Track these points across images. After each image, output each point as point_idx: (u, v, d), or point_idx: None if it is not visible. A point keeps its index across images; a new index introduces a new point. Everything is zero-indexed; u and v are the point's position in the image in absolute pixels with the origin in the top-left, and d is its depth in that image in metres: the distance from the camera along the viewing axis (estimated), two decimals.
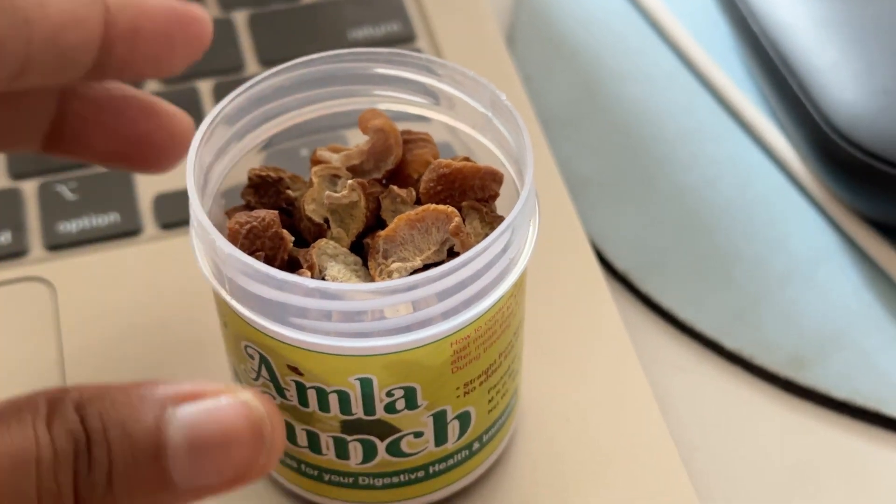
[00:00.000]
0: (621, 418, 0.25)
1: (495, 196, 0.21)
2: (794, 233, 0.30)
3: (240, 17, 0.34)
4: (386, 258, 0.20)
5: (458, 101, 0.22)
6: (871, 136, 0.27)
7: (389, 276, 0.20)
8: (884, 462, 0.25)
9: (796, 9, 0.30)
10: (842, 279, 0.28)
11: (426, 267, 0.20)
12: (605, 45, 0.35)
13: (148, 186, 0.28)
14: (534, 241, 0.20)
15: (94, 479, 0.16)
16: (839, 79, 0.28)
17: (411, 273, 0.20)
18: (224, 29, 0.33)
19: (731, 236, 0.30)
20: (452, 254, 0.20)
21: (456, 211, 0.20)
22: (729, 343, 0.26)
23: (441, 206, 0.20)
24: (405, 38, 0.33)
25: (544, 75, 0.34)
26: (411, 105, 0.23)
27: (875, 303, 0.28)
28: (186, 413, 0.16)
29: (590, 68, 0.34)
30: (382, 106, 0.22)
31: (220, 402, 0.16)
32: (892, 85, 0.27)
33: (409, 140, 0.22)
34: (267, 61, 0.32)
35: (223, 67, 0.31)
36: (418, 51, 0.33)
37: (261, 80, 0.21)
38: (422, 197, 0.21)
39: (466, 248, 0.20)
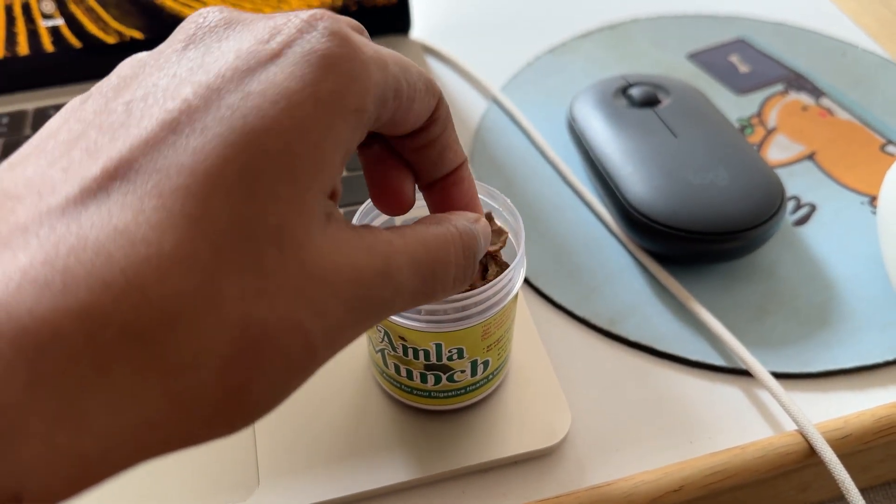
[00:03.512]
0: (530, 355, 0.32)
1: (503, 243, 0.27)
2: (611, 257, 0.38)
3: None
4: None
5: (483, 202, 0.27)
6: (647, 209, 0.35)
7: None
8: (652, 372, 0.33)
9: (612, 146, 0.38)
10: (633, 279, 0.37)
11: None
12: (519, 162, 0.43)
13: None
14: (523, 276, 0.26)
15: (476, 260, 0.21)
16: (633, 181, 0.36)
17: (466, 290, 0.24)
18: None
19: (580, 258, 0.38)
20: (481, 276, 0.26)
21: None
22: (579, 312, 0.35)
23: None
24: None
25: (488, 178, 0.42)
26: None
27: (649, 291, 0.36)
28: (479, 227, 0.22)
29: (510, 173, 0.42)
30: None
31: (483, 219, 0.22)
32: (658, 183, 0.35)
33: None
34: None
35: None
36: None
37: None
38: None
39: (496, 249, 0.26)
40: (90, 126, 0.16)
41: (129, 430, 0.13)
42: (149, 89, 0.16)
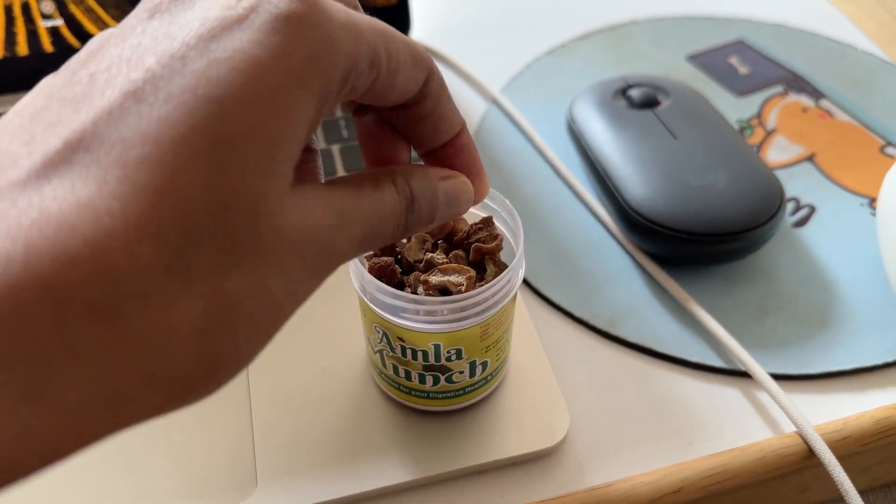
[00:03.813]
0: (529, 356, 0.32)
1: (498, 237, 0.26)
2: (610, 258, 0.38)
3: (335, 148, 0.41)
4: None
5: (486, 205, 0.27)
6: (647, 210, 0.35)
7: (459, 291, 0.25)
8: (651, 373, 0.33)
9: (611, 148, 0.38)
10: (633, 280, 0.37)
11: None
12: (519, 163, 0.43)
13: None
14: (522, 276, 0.26)
15: (416, 217, 0.20)
16: (632, 182, 0.36)
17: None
18: (326, 154, 0.40)
19: (579, 259, 0.38)
20: (480, 277, 0.26)
21: (472, 270, 0.26)
22: (578, 313, 0.35)
23: (466, 268, 0.26)
24: None
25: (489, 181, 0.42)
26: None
27: (649, 292, 0.36)
28: (446, 184, 0.21)
29: (509, 174, 0.43)
30: None
31: (459, 178, 0.21)
32: (657, 185, 0.35)
33: (483, 225, 0.27)
34: (350, 170, 0.40)
35: (327, 172, 0.38)
36: None
37: None
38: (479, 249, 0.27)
39: (496, 253, 0.25)
40: (53, 100, 0.15)
41: (100, 404, 0.13)
42: (112, 60, 0.16)
